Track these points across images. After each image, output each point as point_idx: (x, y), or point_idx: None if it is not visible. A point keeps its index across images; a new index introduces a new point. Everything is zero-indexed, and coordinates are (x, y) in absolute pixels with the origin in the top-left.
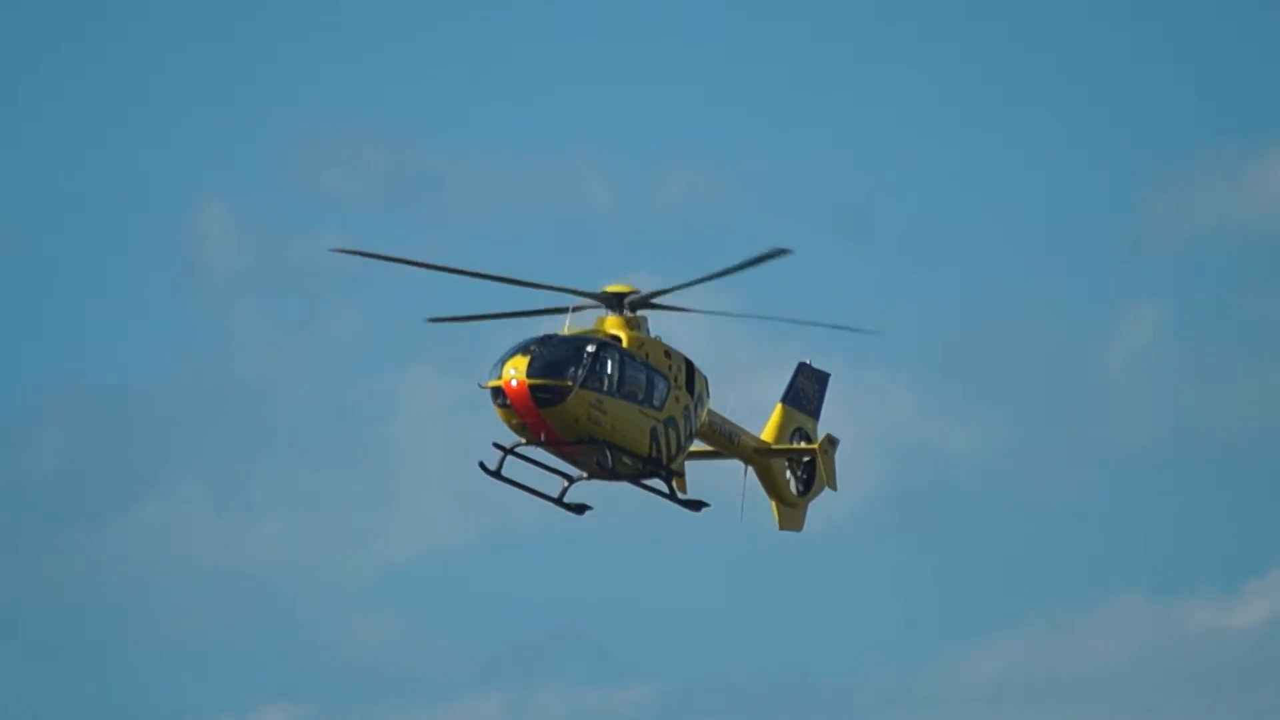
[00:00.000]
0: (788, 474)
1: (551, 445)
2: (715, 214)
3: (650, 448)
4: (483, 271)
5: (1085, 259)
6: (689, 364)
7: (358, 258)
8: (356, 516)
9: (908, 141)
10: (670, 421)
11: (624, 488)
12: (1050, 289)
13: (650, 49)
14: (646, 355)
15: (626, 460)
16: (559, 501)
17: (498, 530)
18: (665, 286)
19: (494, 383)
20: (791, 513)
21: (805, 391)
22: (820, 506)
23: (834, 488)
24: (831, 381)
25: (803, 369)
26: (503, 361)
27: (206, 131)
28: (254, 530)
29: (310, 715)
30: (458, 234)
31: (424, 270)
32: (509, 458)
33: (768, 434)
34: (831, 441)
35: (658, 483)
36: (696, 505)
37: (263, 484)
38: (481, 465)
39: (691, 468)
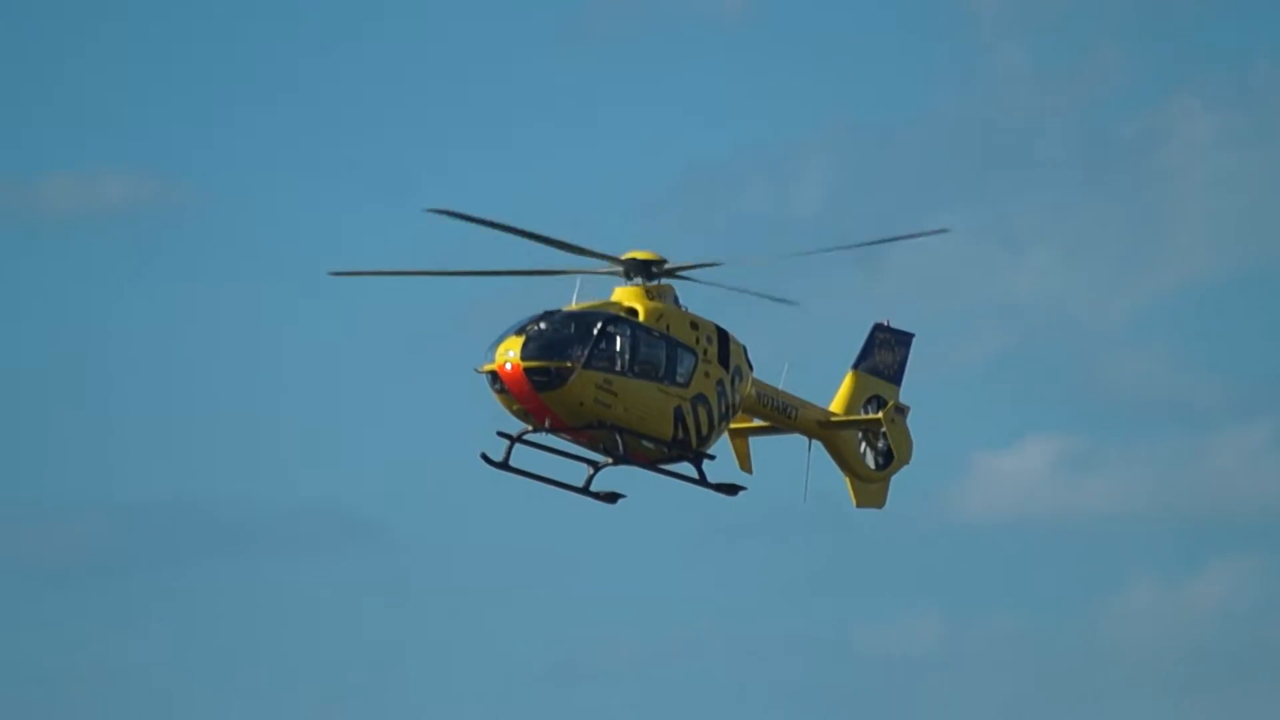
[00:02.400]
0: (863, 446)
1: (560, 431)
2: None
3: (675, 429)
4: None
5: None
6: (722, 333)
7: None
8: None
9: None
10: (700, 399)
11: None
12: None
13: None
14: (668, 327)
15: (648, 445)
16: (585, 491)
17: None
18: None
19: (488, 367)
20: (869, 488)
21: (882, 355)
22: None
23: (905, 460)
24: (916, 342)
25: (879, 330)
26: (497, 343)
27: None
28: None
29: None
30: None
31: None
32: (522, 447)
33: (837, 404)
34: (900, 409)
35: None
36: (731, 489)
37: None
38: (484, 457)
39: (755, 444)
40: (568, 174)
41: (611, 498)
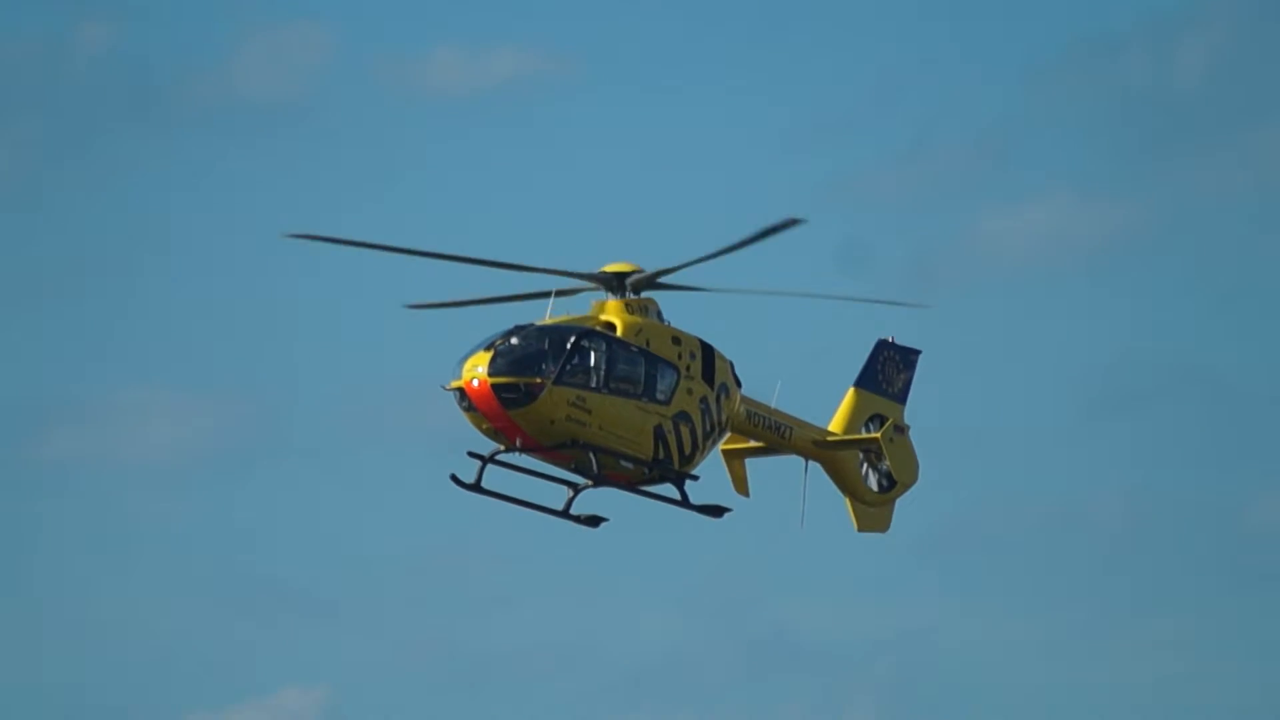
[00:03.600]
0: (864, 468)
1: (533, 451)
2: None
3: (656, 449)
4: (460, 254)
5: None
6: (707, 348)
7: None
8: None
9: None
10: (682, 417)
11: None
12: None
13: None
14: (647, 342)
15: (627, 465)
16: (566, 514)
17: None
18: (671, 265)
19: (455, 384)
20: (871, 512)
21: (886, 373)
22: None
23: (905, 481)
24: (922, 360)
25: (882, 347)
26: (465, 358)
27: None
28: None
29: None
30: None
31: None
32: (496, 469)
33: (836, 423)
34: (898, 429)
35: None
36: (716, 511)
37: None
38: (454, 479)
39: (751, 467)
40: None
41: (594, 521)
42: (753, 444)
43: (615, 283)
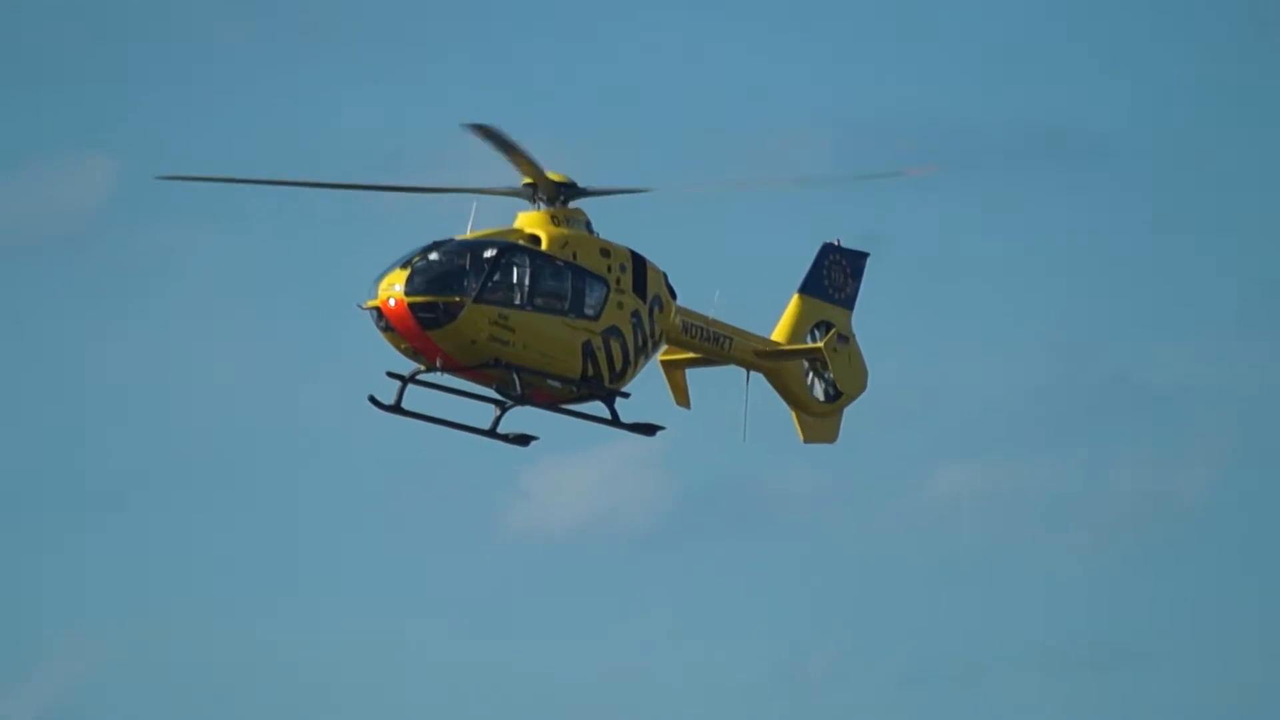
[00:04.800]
0: (810, 377)
1: (455, 371)
2: None
3: (585, 366)
4: (365, 182)
5: None
6: (638, 259)
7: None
8: None
9: None
10: (612, 332)
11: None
12: None
13: None
14: (574, 255)
15: (554, 384)
16: (493, 433)
17: None
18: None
19: (371, 303)
20: (817, 422)
21: (832, 277)
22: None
23: (851, 391)
24: (870, 262)
25: (828, 250)
26: (381, 277)
27: None
28: None
29: None
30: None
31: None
32: (415, 389)
33: (780, 332)
34: (841, 338)
35: (600, 406)
36: (649, 429)
37: None
38: (373, 400)
39: (692, 377)
40: None
41: (523, 440)
42: (693, 356)
43: (539, 193)
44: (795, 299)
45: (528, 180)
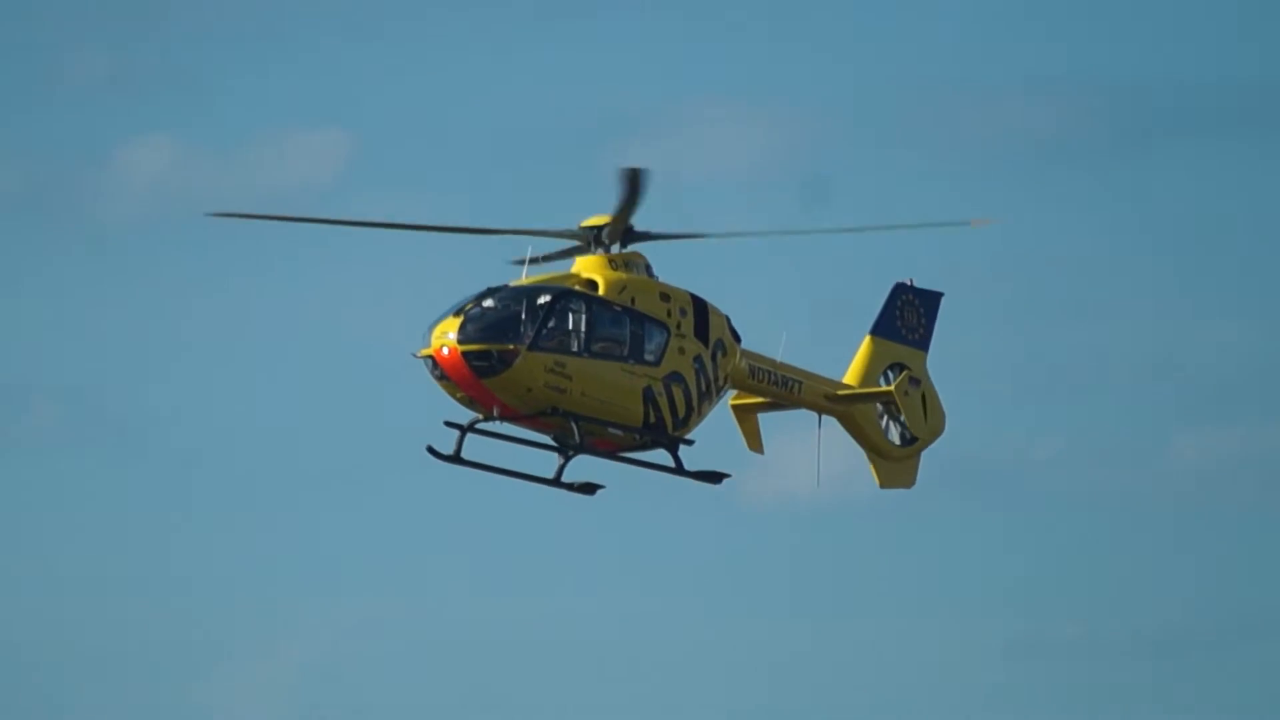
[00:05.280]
0: (884, 420)
1: (514, 419)
2: None
3: (646, 413)
4: (423, 224)
5: None
6: (699, 303)
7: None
8: None
9: None
10: (674, 377)
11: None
12: None
13: None
14: (632, 300)
15: (615, 431)
16: (557, 482)
17: None
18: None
19: (425, 352)
20: (893, 467)
21: (905, 318)
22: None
23: (924, 436)
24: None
25: (900, 290)
26: (435, 324)
27: None
28: None
29: None
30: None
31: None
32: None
33: (852, 375)
34: (912, 381)
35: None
36: (715, 477)
37: None
38: (431, 450)
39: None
40: None
41: (588, 489)
42: (764, 400)
43: (595, 237)
44: (867, 340)
45: (587, 223)
